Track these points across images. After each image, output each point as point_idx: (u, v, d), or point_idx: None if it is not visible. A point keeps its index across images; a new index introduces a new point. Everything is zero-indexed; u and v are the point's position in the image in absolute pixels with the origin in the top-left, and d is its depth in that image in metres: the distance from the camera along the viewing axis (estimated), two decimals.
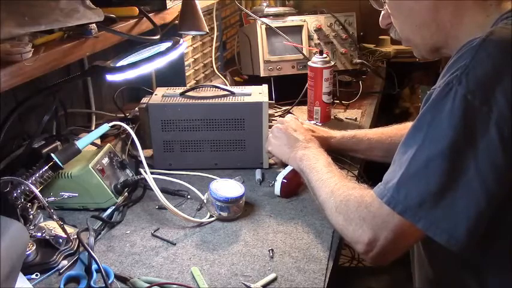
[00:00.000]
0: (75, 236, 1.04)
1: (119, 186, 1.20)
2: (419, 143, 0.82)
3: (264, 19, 1.78)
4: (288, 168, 1.24)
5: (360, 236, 0.89)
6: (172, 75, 1.72)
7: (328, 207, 0.99)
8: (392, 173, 0.86)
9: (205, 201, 1.17)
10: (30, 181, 1.03)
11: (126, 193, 1.22)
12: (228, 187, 1.15)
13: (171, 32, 1.49)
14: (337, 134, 1.40)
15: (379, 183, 0.89)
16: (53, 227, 1.04)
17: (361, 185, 0.98)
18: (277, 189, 1.23)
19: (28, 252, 0.97)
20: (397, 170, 0.85)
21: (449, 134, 0.79)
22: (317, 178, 1.08)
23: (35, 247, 0.99)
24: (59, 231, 1.02)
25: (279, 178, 1.22)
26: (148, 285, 0.92)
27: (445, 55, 0.97)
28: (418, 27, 0.95)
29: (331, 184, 1.02)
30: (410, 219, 0.82)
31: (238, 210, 1.15)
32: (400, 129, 1.34)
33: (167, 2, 1.46)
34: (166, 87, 1.41)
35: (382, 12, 1.04)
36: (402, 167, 0.83)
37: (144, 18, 1.35)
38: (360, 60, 1.89)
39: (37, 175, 1.05)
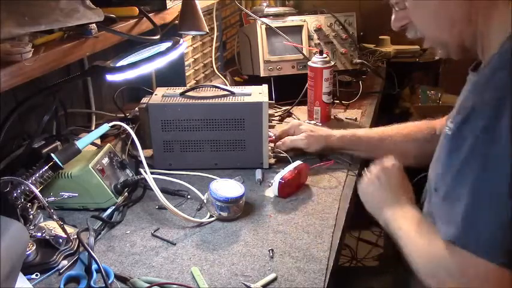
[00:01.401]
0: (75, 236, 1.04)
1: (119, 186, 1.20)
2: (476, 170, 0.77)
3: (264, 19, 1.78)
4: (287, 169, 1.24)
5: None
6: (172, 75, 1.72)
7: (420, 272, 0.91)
8: (451, 210, 0.81)
9: (205, 201, 1.17)
10: (30, 181, 1.03)
11: (126, 193, 1.22)
12: (228, 187, 1.15)
13: (171, 32, 1.49)
14: (336, 133, 1.40)
15: (440, 224, 0.85)
16: (53, 227, 1.04)
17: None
18: (274, 189, 1.22)
19: (28, 252, 0.97)
20: (457, 205, 0.79)
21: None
22: (405, 243, 0.96)
23: (35, 247, 0.99)
24: (59, 231, 1.02)
25: (277, 178, 1.22)
26: (148, 285, 0.92)
27: (472, 54, 0.93)
28: (447, 25, 0.91)
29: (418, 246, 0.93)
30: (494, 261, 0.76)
31: (238, 210, 1.15)
32: (400, 129, 1.34)
33: (167, 2, 1.47)
34: (166, 87, 1.41)
35: (395, 15, 1.00)
36: (462, 202, 0.78)
37: (144, 18, 1.35)
38: (360, 60, 1.89)
39: (37, 175, 1.05)
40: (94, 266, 0.95)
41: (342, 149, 1.39)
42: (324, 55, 1.61)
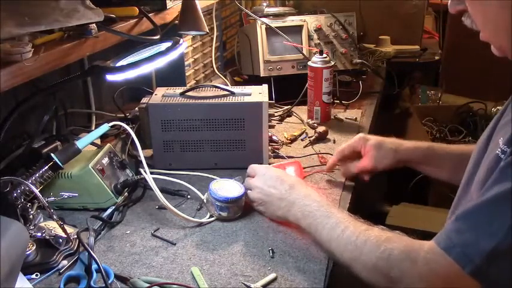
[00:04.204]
0: (75, 236, 1.04)
1: (119, 186, 1.20)
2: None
3: (264, 19, 1.78)
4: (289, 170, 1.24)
5: None
6: (172, 75, 1.72)
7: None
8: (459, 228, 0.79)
9: (205, 201, 1.17)
10: (30, 181, 1.03)
11: (126, 193, 1.22)
12: (228, 187, 1.15)
13: (171, 32, 1.49)
14: (408, 143, 1.26)
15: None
16: (53, 227, 1.03)
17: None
18: None
19: (28, 252, 0.97)
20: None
21: None
22: (328, 236, 0.96)
23: (35, 247, 0.99)
24: (59, 231, 1.02)
25: None
26: (148, 285, 0.92)
27: None
28: (505, 32, 0.81)
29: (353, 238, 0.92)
30: None
31: (238, 210, 1.15)
32: None
33: (167, 2, 1.46)
34: (166, 87, 1.41)
35: None
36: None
37: (144, 18, 1.35)
38: (360, 60, 1.89)
39: (37, 175, 1.05)
40: (94, 266, 0.95)
41: (414, 163, 1.25)
42: (324, 55, 1.61)
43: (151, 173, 1.18)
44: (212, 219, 1.14)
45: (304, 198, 1.05)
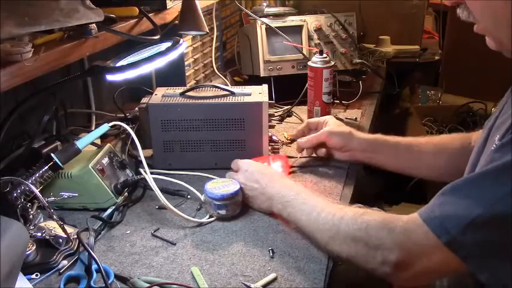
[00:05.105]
0: (75, 236, 1.04)
1: (119, 186, 1.20)
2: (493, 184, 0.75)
3: (264, 19, 1.78)
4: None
5: None
6: (172, 75, 1.72)
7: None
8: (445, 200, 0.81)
9: (203, 201, 1.17)
10: (30, 181, 1.03)
11: (126, 193, 1.22)
12: (223, 185, 1.15)
13: (171, 32, 1.49)
14: (360, 133, 1.31)
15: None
16: (53, 227, 1.04)
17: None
18: None
19: (28, 252, 0.97)
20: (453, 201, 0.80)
21: None
22: (307, 221, 1.01)
23: (35, 247, 0.99)
24: (59, 231, 1.02)
25: None
26: (148, 285, 0.92)
27: None
28: (506, 25, 0.80)
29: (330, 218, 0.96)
30: None
31: (236, 207, 1.15)
32: (431, 139, 1.28)
33: (167, 2, 1.47)
34: (166, 87, 1.41)
35: None
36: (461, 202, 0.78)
37: (144, 18, 1.35)
38: (360, 60, 1.89)
39: (37, 175, 1.05)
40: (94, 266, 0.95)
41: (363, 152, 1.29)
42: (324, 55, 1.61)
43: (151, 173, 1.18)
44: (212, 219, 1.14)
45: (281, 189, 1.10)
